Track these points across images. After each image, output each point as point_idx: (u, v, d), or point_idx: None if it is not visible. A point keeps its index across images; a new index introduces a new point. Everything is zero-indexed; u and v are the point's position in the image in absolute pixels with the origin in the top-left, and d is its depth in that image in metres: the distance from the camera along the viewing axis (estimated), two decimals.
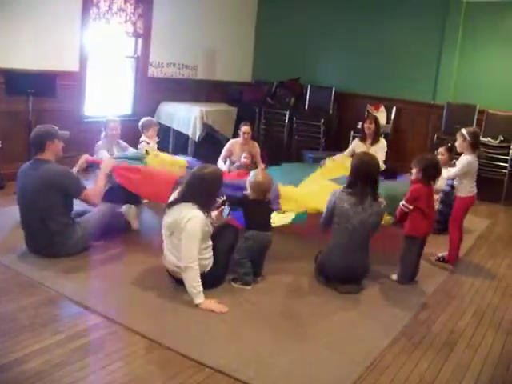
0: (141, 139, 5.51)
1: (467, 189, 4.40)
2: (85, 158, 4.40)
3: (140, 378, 2.53)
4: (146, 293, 3.44)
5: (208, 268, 3.47)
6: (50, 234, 3.78)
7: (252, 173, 3.81)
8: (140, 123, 5.56)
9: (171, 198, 3.50)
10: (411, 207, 3.86)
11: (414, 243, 3.92)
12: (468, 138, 4.35)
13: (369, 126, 6.08)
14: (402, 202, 3.90)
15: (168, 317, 3.15)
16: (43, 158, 3.85)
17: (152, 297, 3.39)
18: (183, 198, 3.40)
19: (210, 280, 3.49)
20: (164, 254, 3.52)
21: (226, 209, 3.66)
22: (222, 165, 5.93)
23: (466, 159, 4.35)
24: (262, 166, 5.79)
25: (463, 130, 4.42)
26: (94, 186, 4.12)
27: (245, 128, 6.02)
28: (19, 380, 2.43)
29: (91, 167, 4.60)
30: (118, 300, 3.31)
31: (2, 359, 2.56)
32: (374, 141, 6.08)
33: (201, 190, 3.39)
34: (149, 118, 5.78)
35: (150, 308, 3.27)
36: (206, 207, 3.40)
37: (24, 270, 3.60)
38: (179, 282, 3.44)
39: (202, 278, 3.34)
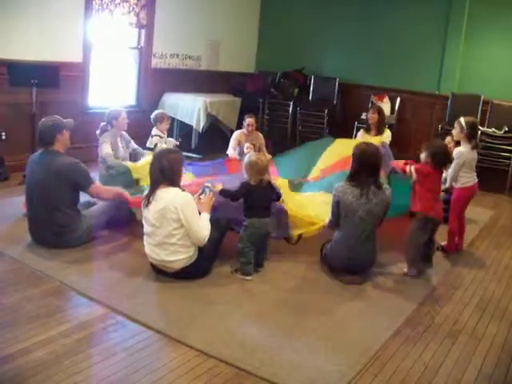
0: (153, 133, 5.45)
1: (462, 180, 4.38)
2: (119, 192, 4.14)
3: (144, 369, 2.55)
4: (150, 284, 3.45)
5: (193, 259, 3.48)
6: (57, 225, 3.79)
7: (246, 156, 3.81)
8: (153, 116, 5.51)
9: (145, 193, 3.50)
10: (415, 175, 3.84)
11: (424, 227, 3.83)
12: (465, 128, 4.31)
13: (372, 116, 6.08)
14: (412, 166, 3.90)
15: (172, 308, 3.16)
16: (53, 150, 3.85)
17: (156, 288, 3.41)
18: (162, 184, 3.41)
19: (194, 271, 3.51)
20: (148, 252, 3.51)
21: (206, 189, 3.66)
22: (232, 153, 5.87)
23: (456, 153, 4.33)
24: (268, 156, 5.73)
25: (461, 120, 4.36)
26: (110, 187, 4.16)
27: (249, 120, 5.96)
28: (24, 370, 2.45)
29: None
30: (123, 291, 3.32)
31: (8, 349, 2.58)
32: (379, 131, 6.09)
33: (173, 173, 3.45)
34: (161, 110, 5.74)
35: (154, 299, 3.29)
36: (180, 186, 3.52)
37: (29, 261, 3.62)
38: (171, 275, 3.49)
39: (186, 269, 3.44)
